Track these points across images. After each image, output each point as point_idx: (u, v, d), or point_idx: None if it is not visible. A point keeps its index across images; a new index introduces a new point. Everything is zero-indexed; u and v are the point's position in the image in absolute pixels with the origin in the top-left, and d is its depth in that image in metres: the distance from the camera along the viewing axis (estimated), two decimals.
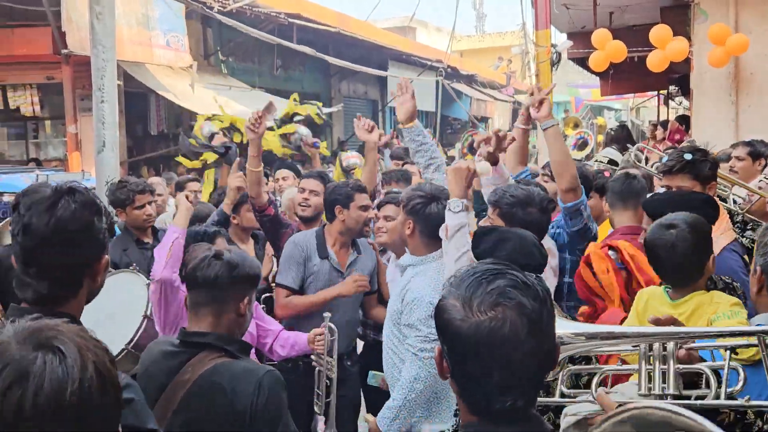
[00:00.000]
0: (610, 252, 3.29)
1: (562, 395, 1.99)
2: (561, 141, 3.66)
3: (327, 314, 3.42)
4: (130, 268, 3.94)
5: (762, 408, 1.73)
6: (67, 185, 1.73)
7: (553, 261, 3.30)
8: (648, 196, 3.37)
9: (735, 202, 4.18)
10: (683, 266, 2.53)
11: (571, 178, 3.44)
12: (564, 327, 1.68)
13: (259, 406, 2.11)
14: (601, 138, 15.44)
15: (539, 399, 2.01)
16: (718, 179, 3.63)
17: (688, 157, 3.29)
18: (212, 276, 2.28)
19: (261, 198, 4.23)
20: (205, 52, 14.01)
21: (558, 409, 2.17)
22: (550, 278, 3.21)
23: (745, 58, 8.65)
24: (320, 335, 3.34)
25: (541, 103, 3.65)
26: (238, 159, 5.68)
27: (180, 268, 2.55)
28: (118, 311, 3.58)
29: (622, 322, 2.90)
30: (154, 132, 13.18)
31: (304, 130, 5.83)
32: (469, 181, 3.10)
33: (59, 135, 12.38)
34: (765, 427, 1.84)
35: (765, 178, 4.23)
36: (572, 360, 2.12)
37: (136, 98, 12.31)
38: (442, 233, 2.97)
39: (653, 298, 2.67)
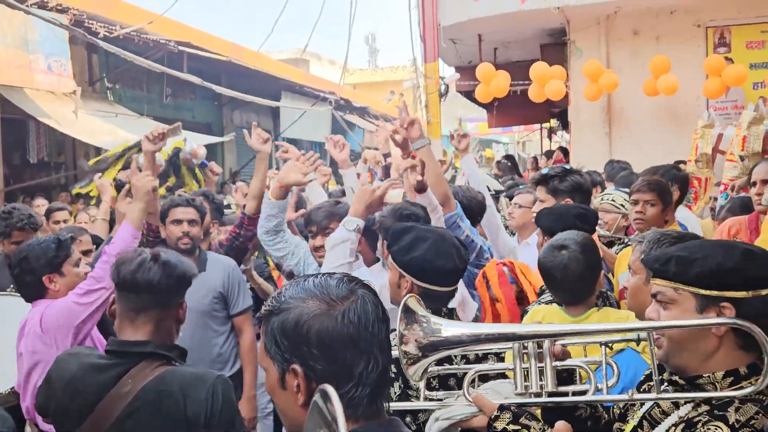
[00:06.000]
0: (504, 268, 3.46)
1: (427, 399, 1.91)
2: (433, 159, 3.75)
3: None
4: (8, 289, 3.66)
5: (644, 400, 1.77)
6: None
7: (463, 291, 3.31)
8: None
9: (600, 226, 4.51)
10: (577, 285, 2.61)
11: (441, 194, 3.55)
12: (450, 327, 1.70)
13: (215, 411, 2.05)
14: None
15: (403, 404, 2.03)
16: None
17: (544, 171, 3.73)
18: (156, 280, 2.13)
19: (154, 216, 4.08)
20: (90, 78, 13.53)
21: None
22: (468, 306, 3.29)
23: (616, 93, 9.30)
24: None
25: (411, 123, 3.70)
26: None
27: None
28: None
29: None
30: (34, 160, 12.53)
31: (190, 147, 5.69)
32: (372, 206, 3.11)
33: None
34: (609, 417, 1.91)
35: (604, 201, 4.59)
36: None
37: (14, 124, 11.70)
38: (327, 243, 3.03)
39: (550, 316, 2.70)
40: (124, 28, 11.19)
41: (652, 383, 1.73)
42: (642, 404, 1.80)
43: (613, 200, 4.53)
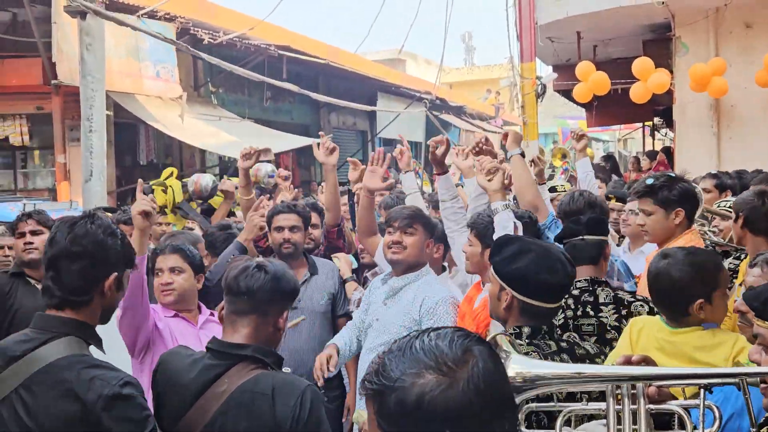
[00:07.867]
0: None
1: None
2: (524, 167, 4.04)
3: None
4: None
5: None
6: (91, 211, 2.22)
7: None
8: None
9: (714, 234, 4.24)
10: (669, 296, 2.50)
11: (527, 203, 3.88)
12: (529, 367, 1.62)
13: (301, 418, 2.10)
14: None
15: None
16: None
17: (649, 182, 3.35)
18: (256, 286, 2.26)
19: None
20: (195, 83, 14.09)
21: None
22: None
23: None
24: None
25: (505, 136, 4.16)
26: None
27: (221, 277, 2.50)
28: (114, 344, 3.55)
29: None
30: (144, 162, 13.20)
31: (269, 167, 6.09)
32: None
33: (48, 165, 12.37)
34: None
35: (721, 206, 4.33)
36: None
37: (126, 128, 12.35)
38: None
39: (649, 326, 2.58)
40: (227, 34, 11.59)
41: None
42: None
43: (730, 206, 4.22)
